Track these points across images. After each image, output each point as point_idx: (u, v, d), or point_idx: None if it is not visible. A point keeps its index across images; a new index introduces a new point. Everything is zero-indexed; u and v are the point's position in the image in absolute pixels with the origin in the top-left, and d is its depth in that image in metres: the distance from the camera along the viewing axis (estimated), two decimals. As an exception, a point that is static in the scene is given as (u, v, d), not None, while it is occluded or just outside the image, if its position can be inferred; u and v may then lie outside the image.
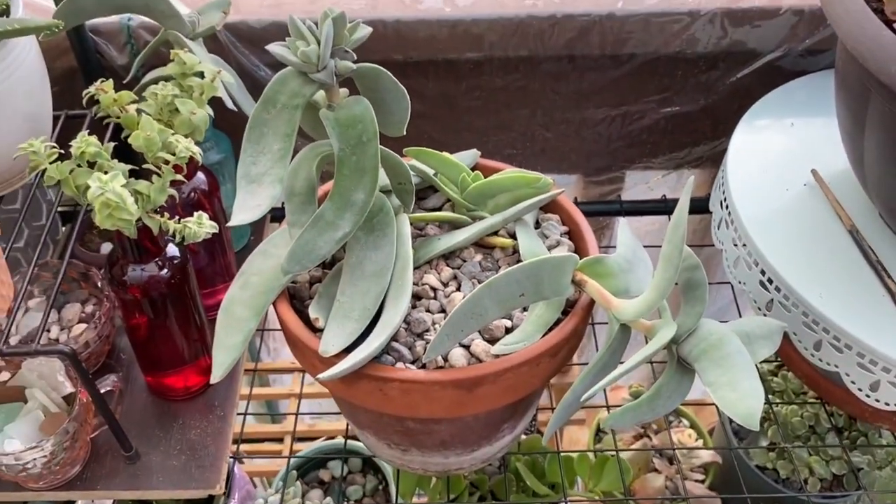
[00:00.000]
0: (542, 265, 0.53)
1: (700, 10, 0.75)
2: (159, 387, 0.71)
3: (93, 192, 0.50)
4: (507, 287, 0.52)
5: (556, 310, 0.57)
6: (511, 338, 0.56)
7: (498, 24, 0.76)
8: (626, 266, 0.58)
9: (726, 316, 1.01)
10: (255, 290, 0.59)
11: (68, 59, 0.78)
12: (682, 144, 0.89)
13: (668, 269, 0.51)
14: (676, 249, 0.50)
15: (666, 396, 0.54)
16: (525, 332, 0.56)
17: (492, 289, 0.52)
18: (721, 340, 0.51)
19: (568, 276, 0.55)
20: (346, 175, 0.55)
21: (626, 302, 0.54)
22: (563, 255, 0.54)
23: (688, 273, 0.54)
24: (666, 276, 0.51)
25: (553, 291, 0.55)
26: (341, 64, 0.53)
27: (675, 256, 0.50)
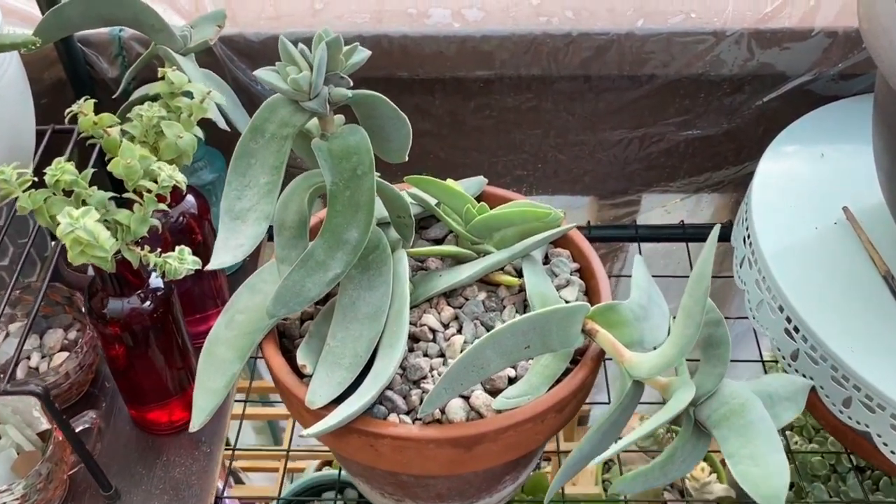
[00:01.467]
0: (551, 316, 0.48)
1: (726, 31, 0.71)
2: (142, 420, 0.67)
3: (62, 229, 0.46)
4: (512, 339, 0.48)
5: (564, 360, 0.53)
6: (514, 390, 0.52)
7: (510, 42, 0.72)
8: (641, 314, 0.53)
9: (744, 352, 0.96)
10: (240, 329, 0.55)
11: (57, 70, 0.74)
12: (702, 169, 0.84)
13: (689, 326, 0.46)
14: (699, 305, 0.45)
15: (680, 460, 0.50)
16: (530, 384, 0.52)
17: (495, 341, 0.48)
18: (744, 406, 0.47)
19: (578, 326, 0.51)
20: (338, 211, 0.51)
21: (640, 357, 0.50)
22: (573, 305, 0.49)
23: (709, 329, 0.49)
24: (686, 332, 0.46)
25: (561, 343, 0.51)
26: (336, 91, 0.49)
27: (697, 313, 0.46)
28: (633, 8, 0.72)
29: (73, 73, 0.73)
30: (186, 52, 0.65)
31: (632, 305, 0.53)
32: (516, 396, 0.51)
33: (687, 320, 0.46)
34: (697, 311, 0.46)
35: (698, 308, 0.46)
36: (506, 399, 0.51)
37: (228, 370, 0.53)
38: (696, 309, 0.46)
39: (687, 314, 0.46)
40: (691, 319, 0.46)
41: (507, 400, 0.50)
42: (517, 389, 0.52)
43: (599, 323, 0.52)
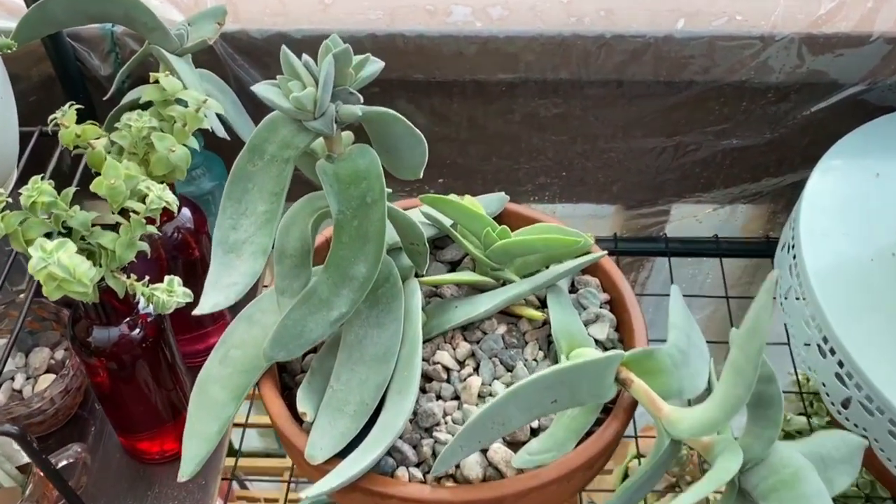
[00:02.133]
0: (581, 370, 0.43)
1: (775, 35, 0.64)
2: (133, 450, 0.63)
3: (34, 265, 0.41)
4: (537, 394, 0.43)
5: (594, 412, 0.48)
6: (537, 444, 0.47)
7: (536, 43, 0.66)
8: (680, 359, 0.48)
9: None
10: (235, 366, 0.50)
11: (46, 67, 0.69)
12: (740, 179, 0.78)
13: (739, 386, 0.41)
14: (752, 364, 0.40)
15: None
16: (555, 438, 0.47)
17: (518, 396, 0.42)
18: (796, 476, 0.41)
19: (611, 377, 0.45)
20: (344, 243, 0.45)
21: (681, 413, 0.44)
22: (607, 356, 0.44)
23: (759, 385, 0.44)
24: (736, 392, 0.41)
25: (592, 396, 0.45)
26: (343, 109, 0.44)
27: (749, 372, 0.40)
28: (673, 8, 0.65)
29: (63, 70, 0.67)
30: (183, 52, 0.59)
31: (670, 350, 0.47)
32: (540, 453, 0.46)
33: (737, 378, 0.41)
34: (750, 371, 0.40)
35: (751, 367, 0.40)
36: (528, 456, 0.46)
37: (222, 413, 0.48)
38: (749, 368, 0.40)
39: (737, 372, 0.41)
40: (742, 379, 0.41)
41: (530, 457, 0.45)
42: (541, 444, 0.47)
43: (634, 371, 0.46)
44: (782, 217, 0.85)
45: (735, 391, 0.41)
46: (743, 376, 0.40)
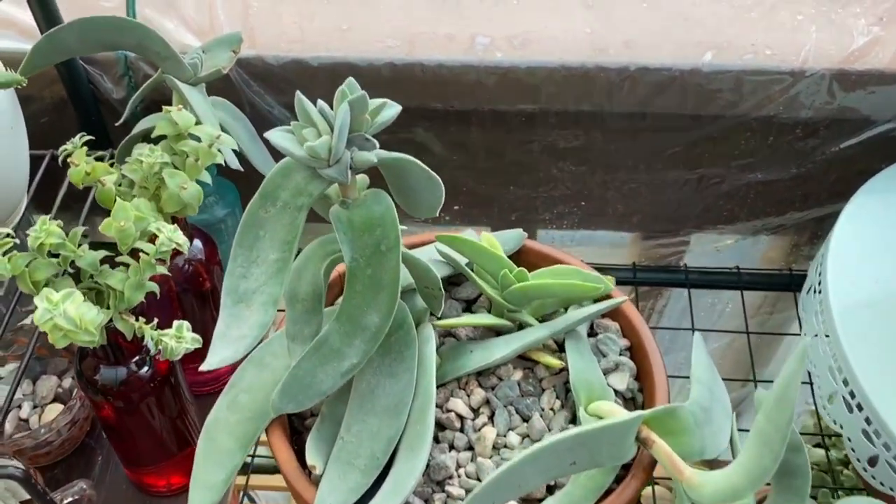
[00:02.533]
0: (602, 433, 0.41)
1: (806, 71, 0.62)
2: (139, 482, 0.62)
3: (39, 317, 0.40)
4: (556, 457, 0.41)
5: (612, 472, 0.46)
6: (552, 501, 0.45)
7: (558, 75, 0.64)
8: (703, 417, 0.46)
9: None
10: (244, 412, 0.49)
11: (58, 89, 0.68)
12: (763, 213, 0.76)
13: (764, 457, 0.39)
14: (780, 433, 0.38)
15: None
16: (571, 498, 0.45)
17: (536, 460, 0.41)
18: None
19: (632, 438, 0.44)
20: (357, 292, 0.44)
21: (703, 478, 0.43)
22: (628, 419, 0.42)
23: (786, 454, 0.42)
24: (762, 463, 0.39)
25: (612, 458, 0.44)
26: (359, 156, 0.42)
27: (777, 442, 0.38)
28: (700, 41, 0.63)
29: (76, 93, 0.66)
30: (197, 81, 0.58)
31: (693, 408, 0.46)
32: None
33: (763, 449, 0.39)
34: (778, 440, 0.39)
35: (779, 437, 0.38)
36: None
37: (229, 462, 0.47)
38: (777, 437, 0.39)
39: (764, 441, 0.39)
40: (769, 450, 0.39)
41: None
42: (557, 502, 0.45)
43: (655, 430, 0.45)
44: (805, 249, 0.83)
45: (761, 462, 0.40)
46: (770, 447, 0.39)
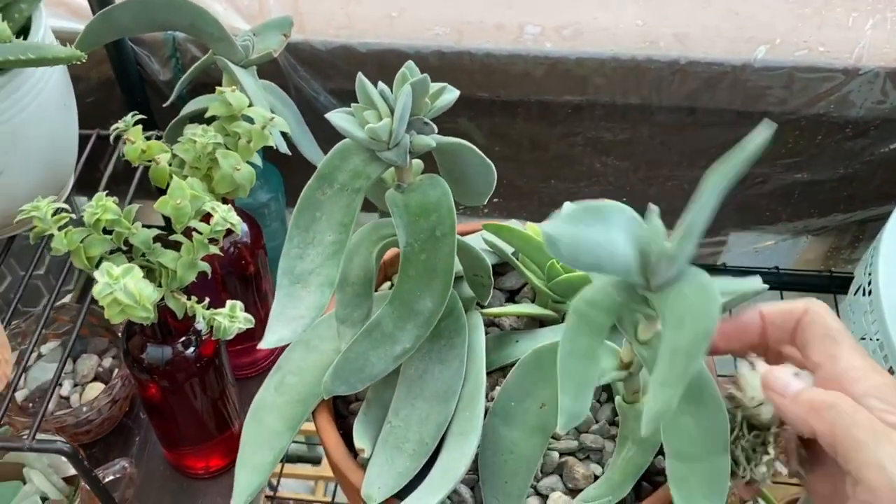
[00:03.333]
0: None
1: (860, 69, 0.61)
2: (178, 463, 0.62)
3: (99, 290, 0.40)
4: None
5: (649, 453, 0.45)
6: (594, 490, 0.44)
7: (607, 67, 0.63)
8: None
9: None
10: (291, 394, 0.49)
11: (105, 69, 0.68)
12: (806, 214, 0.75)
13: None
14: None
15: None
16: (611, 482, 0.44)
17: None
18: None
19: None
20: (411, 276, 0.44)
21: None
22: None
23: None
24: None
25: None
26: (418, 139, 0.42)
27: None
28: (752, 36, 0.63)
29: (123, 73, 0.67)
30: (248, 63, 0.58)
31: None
32: (596, 498, 0.44)
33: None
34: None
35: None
36: (583, 502, 0.44)
37: (277, 444, 0.47)
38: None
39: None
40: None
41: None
42: (597, 490, 0.44)
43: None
44: (845, 252, 0.82)
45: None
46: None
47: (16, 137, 0.50)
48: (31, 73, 0.49)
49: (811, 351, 0.37)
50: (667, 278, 0.35)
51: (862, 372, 0.35)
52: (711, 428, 0.36)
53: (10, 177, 0.51)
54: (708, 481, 0.36)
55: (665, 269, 0.35)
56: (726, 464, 0.36)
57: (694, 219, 0.35)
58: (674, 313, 0.34)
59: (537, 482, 0.46)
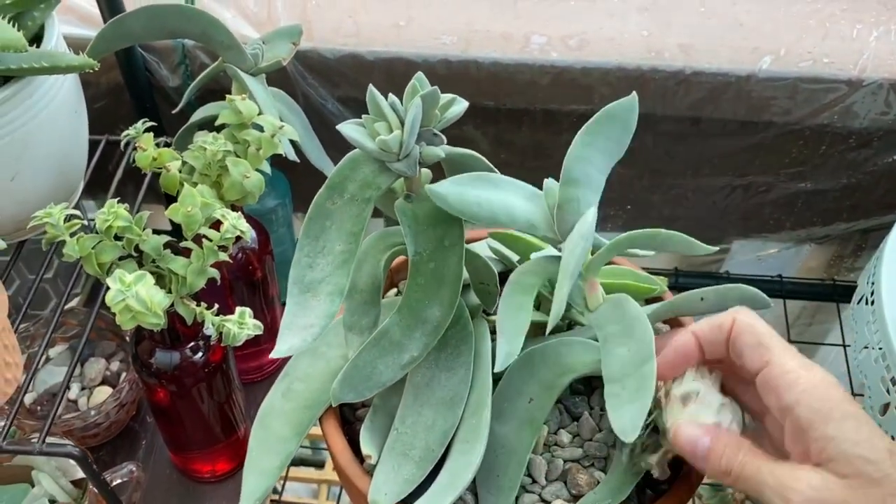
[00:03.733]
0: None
1: (863, 80, 0.62)
2: (184, 467, 0.62)
3: (112, 297, 0.41)
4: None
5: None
6: (594, 495, 0.45)
7: (612, 77, 0.64)
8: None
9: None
10: (298, 401, 0.49)
11: (115, 75, 0.69)
12: (809, 222, 0.75)
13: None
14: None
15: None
16: (610, 486, 0.45)
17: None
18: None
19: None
20: (419, 285, 0.44)
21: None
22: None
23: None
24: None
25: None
26: (427, 151, 0.43)
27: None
28: (756, 47, 0.63)
29: (132, 79, 0.67)
30: (257, 71, 0.58)
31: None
32: (596, 502, 0.44)
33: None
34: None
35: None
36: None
37: (284, 449, 0.48)
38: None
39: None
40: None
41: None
42: (597, 494, 0.45)
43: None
44: (848, 261, 0.82)
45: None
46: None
47: (28, 144, 0.51)
48: (43, 81, 0.50)
49: (745, 360, 0.39)
50: (569, 224, 0.42)
51: (795, 374, 0.36)
52: (639, 347, 0.40)
53: (21, 182, 0.52)
54: (635, 389, 0.39)
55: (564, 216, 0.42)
56: (652, 370, 0.39)
57: (567, 167, 0.42)
58: (567, 245, 0.41)
59: (542, 489, 0.46)
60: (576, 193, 0.42)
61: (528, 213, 0.43)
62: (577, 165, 0.42)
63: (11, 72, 0.47)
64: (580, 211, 0.42)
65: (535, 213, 0.43)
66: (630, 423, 0.38)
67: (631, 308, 0.42)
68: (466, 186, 0.42)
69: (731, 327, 0.39)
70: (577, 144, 0.42)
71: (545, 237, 0.43)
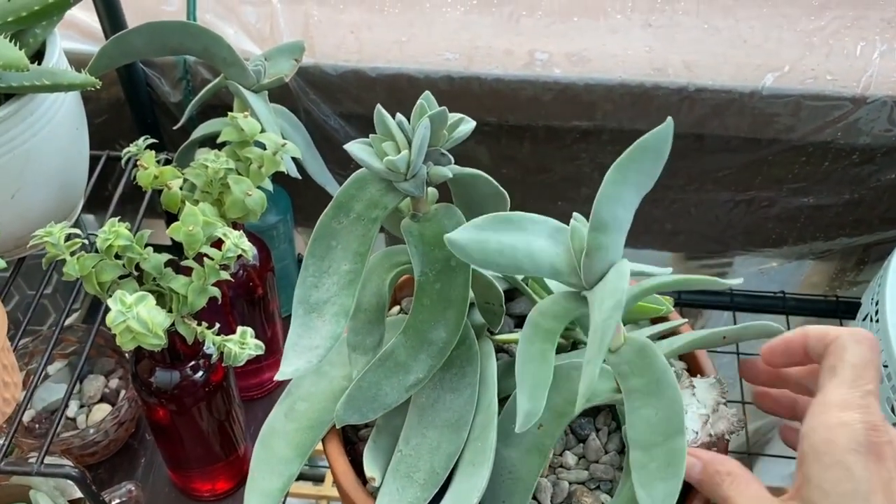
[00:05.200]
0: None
1: (867, 97, 0.62)
2: (184, 486, 0.62)
3: (113, 318, 0.40)
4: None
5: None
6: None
7: (616, 93, 0.64)
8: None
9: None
10: (301, 421, 0.48)
11: (116, 91, 0.68)
12: (812, 237, 0.75)
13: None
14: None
15: None
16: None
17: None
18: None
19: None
20: (425, 306, 0.44)
21: None
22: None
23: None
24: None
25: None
26: (434, 171, 0.42)
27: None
28: (760, 63, 0.63)
29: (133, 94, 0.67)
30: (259, 88, 0.58)
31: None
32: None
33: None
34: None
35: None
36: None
37: (286, 471, 0.47)
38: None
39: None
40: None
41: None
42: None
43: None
44: (850, 275, 0.82)
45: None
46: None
47: (29, 160, 0.50)
48: (44, 98, 0.50)
49: (819, 376, 0.39)
50: (597, 273, 0.39)
51: (825, 407, 0.36)
52: (669, 415, 0.39)
53: (22, 199, 0.52)
54: (666, 464, 0.38)
55: (592, 263, 0.39)
56: (682, 445, 0.38)
57: (598, 210, 0.38)
58: (596, 299, 0.38)
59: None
60: (605, 241, 0.38)
61: (553, 259, 0.40)
62: (608, 207, 0.38)
63: (13, 89, 0.47)
64: (609, 259, 0.39)
65: (560, 258, 0.40)
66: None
67: (657, 363, 0.40)
68: (487, 232, 0.39)
69: (832, 342, 0.38)
70: (609, 183, 0.38)
71: (568, 282, 0.40)
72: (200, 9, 0.65)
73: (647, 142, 0.39)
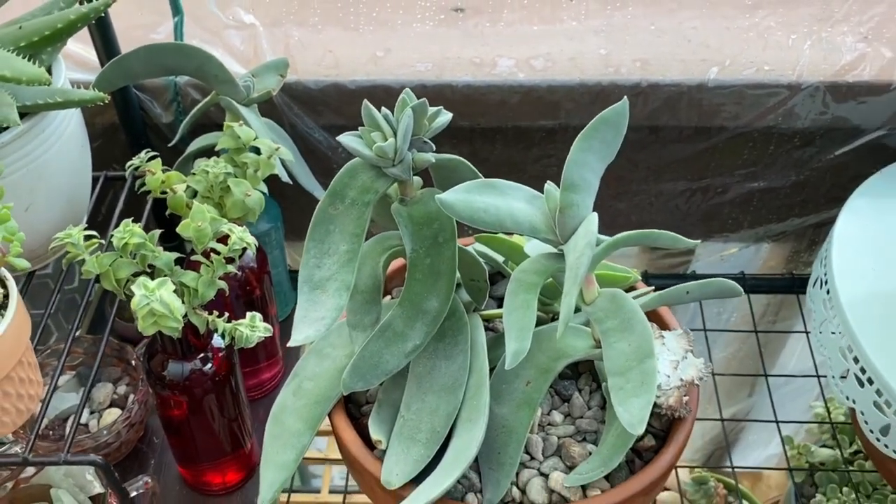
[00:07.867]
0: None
1: (801, 84, 0.68)
2: (194, 481, 0.65)
3: (137, 302, 0.44)
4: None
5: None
6: (586, 465, 0.49)
7: (576, 92, 0.70)
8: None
9: (804, 402, 0.94)
10: (309, 397, 0.53)
11: (110, 115, 0.72)
12: (765, 220, 0.81)
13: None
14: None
15: None
16: (602, 456, 0.49)
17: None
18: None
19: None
20: (418, 279, 0.49)
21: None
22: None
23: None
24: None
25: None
26: (419, 156, 0.47)
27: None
28: (704, 58, 0.69)
29: (127, 117, 0.71)
30: (249, 102, 0.63)
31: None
32: (588, 472, 0.48)
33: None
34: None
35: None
36: (577, 475, 0.48)
37: (298, 442, 0.51)
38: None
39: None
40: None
41: (580, 476, 0.48)
42: (589, 464, 0.49)
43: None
44: (804, 256, 0.88)
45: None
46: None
47: (41, 175, 0.54)
48: (55, 116, 0.54)
49: None
50: (570, 228, 0.45)
51: None
52: (640, 343, 0.44)
53: (35, 213, 0.55)
54: (640, 382, 0.43)
55: (565, 220, 0.45)
56: (653, 366, 0.43)
57: (568, 173, 0.44)
58: (570, 248, 0.44)
59: (540, 464, 0.50)
60: (575, 199, 0.44)
61: (531, 217, 0.46)
62: (576, 170, 0.44)
63: (27, 108, 0.51)
64: (579, 215, 0.45)
65: (537, 217, 0.46)
66: (637, 417, 0.41)
67: (627, 303, 0.46)
68: (473, 194, 0.45)
69: None
70: (575, 150, 0.44)
71: (546, 239, 0.46)
72: (187, 35, 0.70)
73: (607, 116, 0.45)
